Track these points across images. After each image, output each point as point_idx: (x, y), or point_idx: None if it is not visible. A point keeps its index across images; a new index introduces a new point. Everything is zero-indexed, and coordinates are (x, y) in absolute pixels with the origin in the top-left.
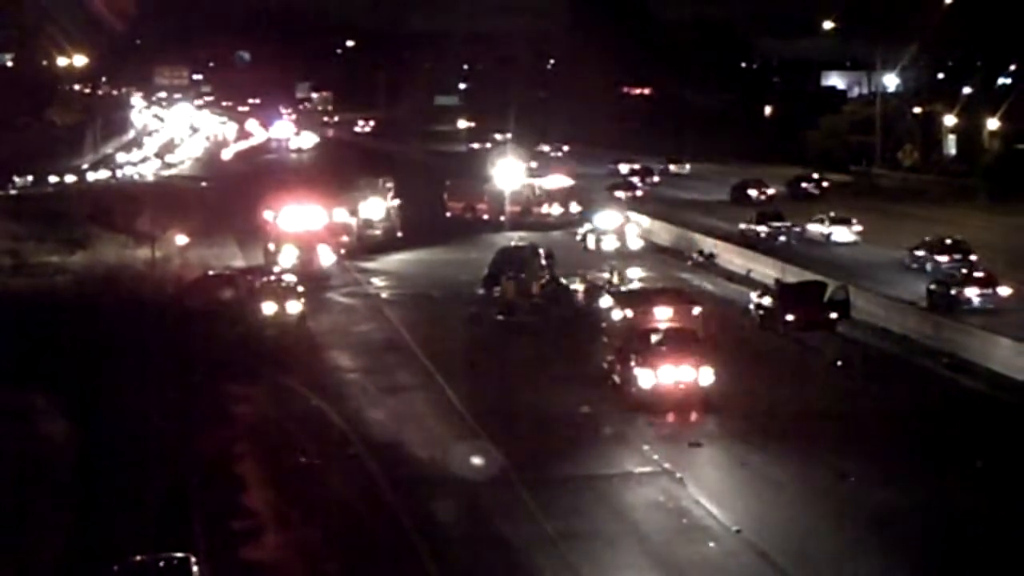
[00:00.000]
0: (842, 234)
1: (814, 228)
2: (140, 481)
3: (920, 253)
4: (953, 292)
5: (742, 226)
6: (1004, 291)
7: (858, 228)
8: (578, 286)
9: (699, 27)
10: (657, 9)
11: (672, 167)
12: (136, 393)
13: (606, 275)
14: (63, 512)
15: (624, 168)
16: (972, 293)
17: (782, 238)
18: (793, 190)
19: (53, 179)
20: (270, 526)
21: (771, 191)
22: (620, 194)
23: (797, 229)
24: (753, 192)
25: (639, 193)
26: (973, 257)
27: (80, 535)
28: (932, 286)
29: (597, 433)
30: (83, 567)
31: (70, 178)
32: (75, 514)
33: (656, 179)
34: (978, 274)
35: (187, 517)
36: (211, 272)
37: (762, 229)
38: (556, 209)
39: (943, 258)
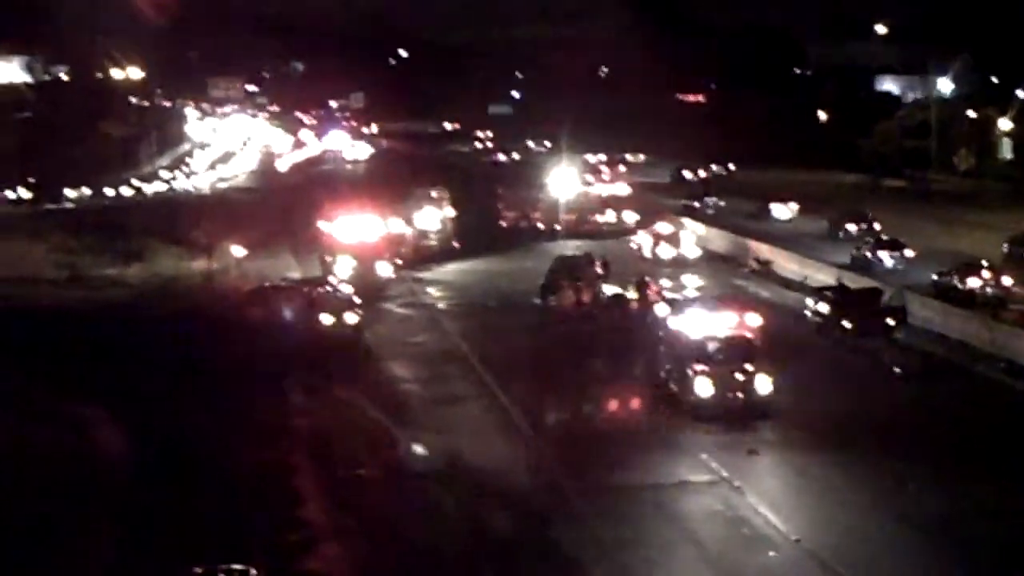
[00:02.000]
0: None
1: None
2: (196, 492)
3: (835, 223)
4: (869, 255)
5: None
6: (909, 253)
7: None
8: (632, 294)
9: (752, 32)
10: (709, 15)
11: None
12: (192, 404)
13: (662, 283)
14: (118, 523)
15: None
16: (884, 255)
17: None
18: (674, 177)
19: (109, 192)
20: (326, 538)
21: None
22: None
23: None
24: (688, 174)
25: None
26: (877, 226)
27: (135, 546)
28: (853, 251)
29: (654, 441)
30: None
31: (126, 191)
32: (130, 525)
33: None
34: (893, 239)
35: (244, 529)
36: (268, 284)
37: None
38: (611, 217)
39: (852, 226)
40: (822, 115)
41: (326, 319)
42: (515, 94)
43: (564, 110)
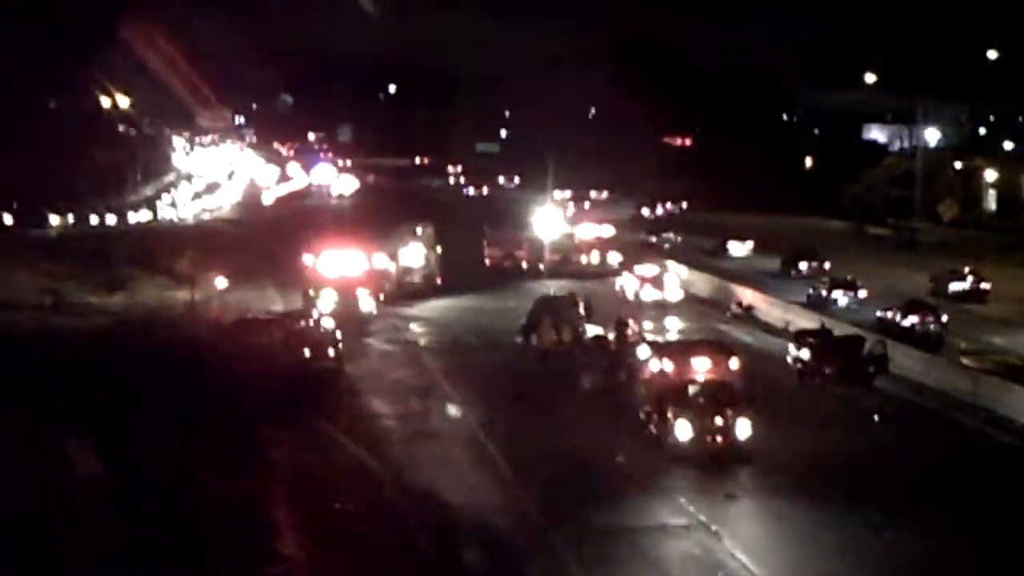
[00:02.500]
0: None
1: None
2: (173, 523)
3: (787, 262)
4: (824, 293)
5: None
6: (863, 294)
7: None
8: (611, 335)
9: (738, 77)
10: (698, 59)
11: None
12: (172, 435)
13: (635, 325)
14: (94, 552)
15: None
16: (839, 295)
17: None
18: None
19: (94, 219)
20: (302, 572)
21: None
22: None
23: None
24: (647, 211)
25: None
26: (827, 265)
27: None
28: (810, 290)
29: (632, 484)
30: None
31: (111, 219)
32: (106, 555)
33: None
34: (846, 279)
35: (220, 561)
36: (250, 315)
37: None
38: (595, 258)
39: (803, 264)
40: (808, 161)
41: (307, 353)
42: (503, 132)
43: (550, 149)
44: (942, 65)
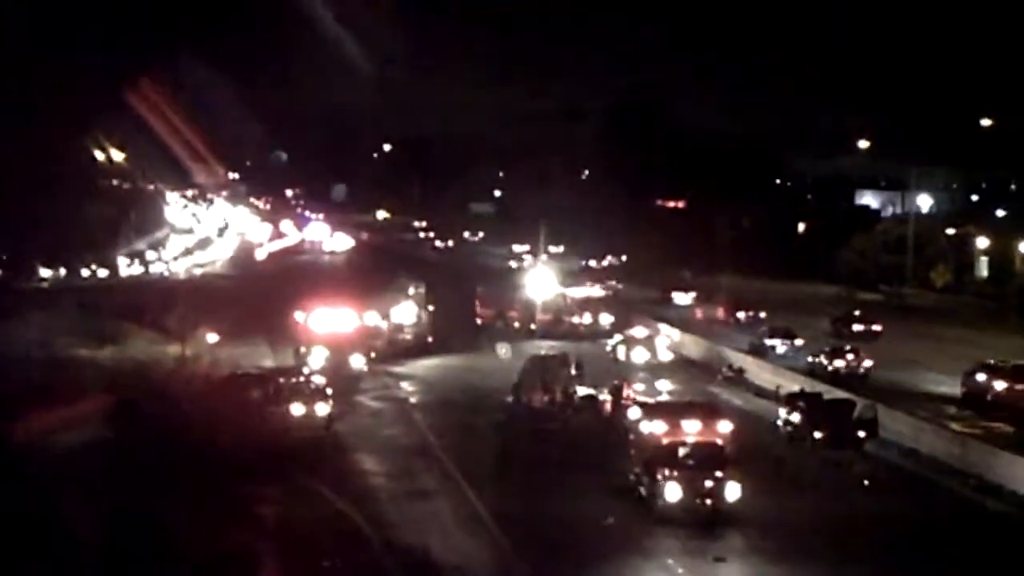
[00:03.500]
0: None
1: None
2: None
3: (727, 312)
4: (766, 341)
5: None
6: (799, 342)
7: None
8: (606, 396)
9: (731, 142)
10: (689, 122)
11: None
12: (159, 489)
13: (635, 387)
14: None
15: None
16: (776, 342)
17: None
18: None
19: (85, 273)
20: None
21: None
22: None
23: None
24: (593, 263)
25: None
26: (763, 314)
27: None
28: (753, 339)
29: (621, 545)
30: None
31: (103, 272)
32: None
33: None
34: (783, 327)
35: None
36: (240, 371)
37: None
38: (587, 319)
39: (741, 314)
40: (801, 226)
41: (297, 409)
42: (497, 193)
43: (543, 210)
44: (935, 132)
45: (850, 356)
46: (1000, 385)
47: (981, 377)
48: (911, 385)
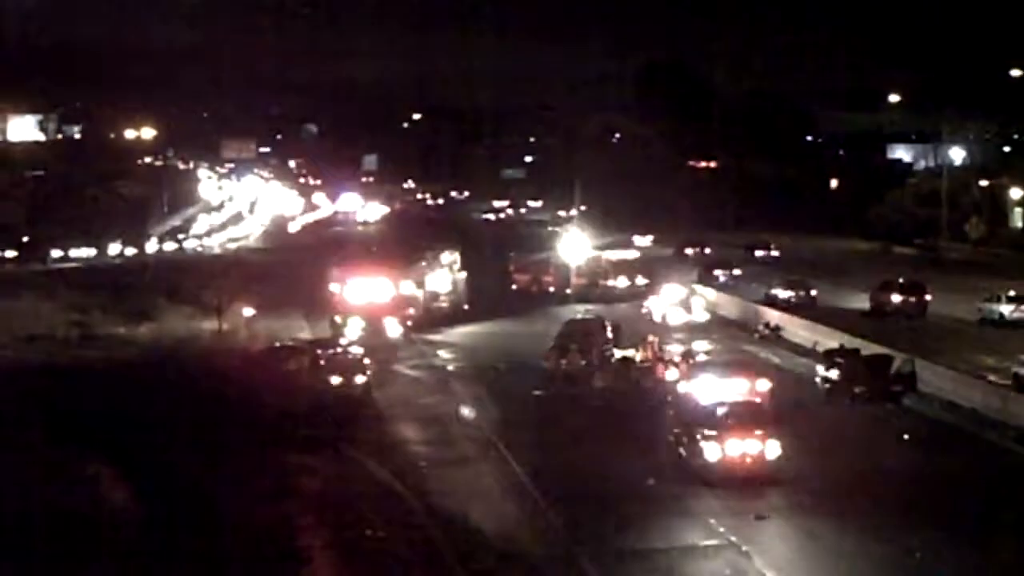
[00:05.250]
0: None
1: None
2: (203, 551)
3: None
4: (774, 292)
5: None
6: (737, 272)
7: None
8: (642, 356)
9: (763, 99)
10: (721, 83)
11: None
12: (200, 463)
13: (672, 347)
14: None
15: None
16: (718, 272)
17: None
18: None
19: (116, 250)
20: None
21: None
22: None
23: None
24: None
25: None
26: (708, 250)
27: None
28: (699, 271)
29: (663, 506)
30: None
31: (135, 249)
32: None
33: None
34: (723, 259)
35: None
36: (278, 344)
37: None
38: (622, 281)
39: (690, 250)
40: (834, 183)
41: (335, 380)
42: (528, 159)
43: (576, 173)
44: (966, 84)
45: (800, 287)
46: (896, 298)
47: (882, 293)
48: None
